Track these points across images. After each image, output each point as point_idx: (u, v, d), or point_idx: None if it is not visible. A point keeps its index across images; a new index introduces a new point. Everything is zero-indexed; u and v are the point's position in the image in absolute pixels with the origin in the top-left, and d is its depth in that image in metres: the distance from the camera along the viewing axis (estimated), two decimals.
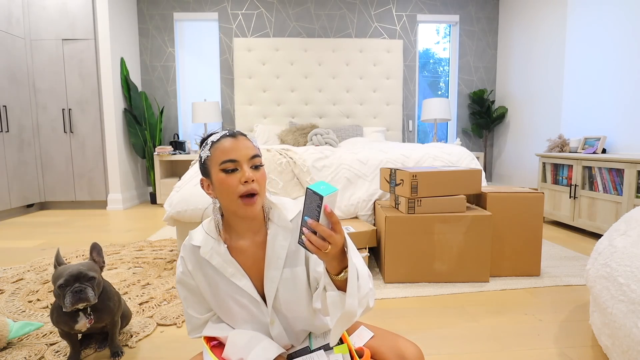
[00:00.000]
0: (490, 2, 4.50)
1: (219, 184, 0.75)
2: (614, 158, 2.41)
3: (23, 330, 1.26)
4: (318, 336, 0.87)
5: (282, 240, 0.80)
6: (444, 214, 1.76)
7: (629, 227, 1.16)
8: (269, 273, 0.79)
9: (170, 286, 1.76)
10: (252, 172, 0.75)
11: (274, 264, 0.79)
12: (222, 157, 0.75)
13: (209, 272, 0.81)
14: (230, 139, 0.76)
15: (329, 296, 0.69)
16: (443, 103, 4.08)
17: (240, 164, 0.75)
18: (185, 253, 0.83)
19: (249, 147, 0.77)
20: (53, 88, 3.67)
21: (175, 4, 4.29)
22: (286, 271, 0.80)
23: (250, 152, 0.76)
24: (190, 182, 2.14)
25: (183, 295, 0.84)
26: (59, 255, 1.11)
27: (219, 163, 0.75)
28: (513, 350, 1.23)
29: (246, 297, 0.80)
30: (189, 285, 0.83)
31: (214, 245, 0.80)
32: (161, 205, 4.08)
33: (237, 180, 0.74)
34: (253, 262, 0.81)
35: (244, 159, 0.75)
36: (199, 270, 0.82)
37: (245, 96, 4.25)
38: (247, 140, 0.78)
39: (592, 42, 3.08)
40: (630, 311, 0.94)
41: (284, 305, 0.80)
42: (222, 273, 0.80)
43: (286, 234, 0.81)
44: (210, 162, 0.76)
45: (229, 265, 0.80)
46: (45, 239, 2.68)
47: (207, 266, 0.81)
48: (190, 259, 0.82)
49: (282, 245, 0.80)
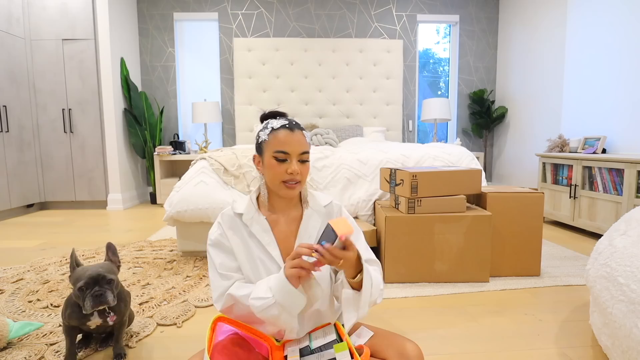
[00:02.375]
0: (490, 2, 4.50)
1: (269, 167, 0.86)
2: (614, 158, 2.41)
3: (23, 330, 1.26)
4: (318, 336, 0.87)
5: (315, 221, 0.92)
6: (444, 214, 1.76)
7: (629, 227, 1.16)
8: None
9: (170, 286, 1.76)
10: (298, 166, 0.85)
11: (305, 240, 0.89)
12: (277, 147, 0.84)
13: (246, 238, 0.89)
14: (288, 131, 0.85)
15: (344, 292, 0.82)
16: (443, 103, 4.08)
17: (291, 157, 0.85)
18: (224, 219, 0.91)
19: (302, 143, 0.86)
20: (53, 88, 3.67)
21: (175, 4, 4.29)
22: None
23: (302, 148, 0.86)
24: (191, 182, 2.14)
25: (217, 258, 0.88)
26: (75, 256, 1.12)
27: (273, 150, 0.84)
28: (513, 350, 1.23)
29: (275, 266, 0.88)
30: (223, 246, 0.89)
31: (254, 215, 0.90)
32: (161, 205, 4.07)
33: (284, 169, 0.84)
34: (285, 237, 0.90)
35: (295, 153, 0.85)
36: (237, 234, 0.90)
37: (245, 96, 4.25)
38: (302, 136, 0.87)
39: (592, 42, 3.08)
40: (630, 311, 0.94)
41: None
42: (259, 240, 0.88)
43: (319, 217, 0.93)
44: (266, 145, 0.86)
45: (266, 233, 0.89)
46: (45, 239, 2.68)
47: (245, 232, 0.89)
48: (228, 224, 0.90)
49: (314, 226, 0.91)
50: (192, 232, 2.17)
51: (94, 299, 1.05)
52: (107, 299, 1.06)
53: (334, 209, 0.96)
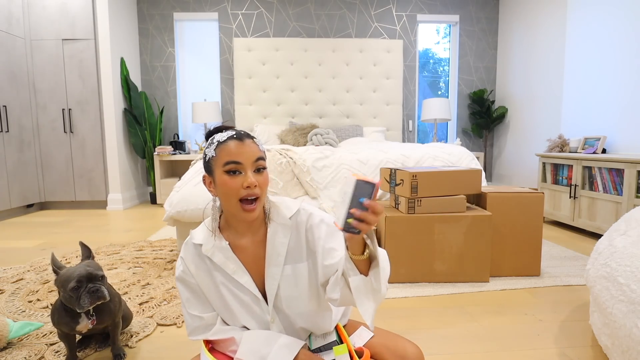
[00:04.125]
0: (490, 2, 4.50)
1: (222, 185, 0.75)
2: (614, 158, 2.41)
3: (23, 330, 1.26)
4: (318, 336, 0.87)
5: (282, 237, 0.81)
6: (444, 214, 1.76)
7: (629, 227, 1.16)
8: (269, 270, 0.80)
9: (170, 286, 1.76)
10: (255, 176, 0.75)
11: (274, 260, 0.80)
12: (227, 159, 0.74)
13: (210, 270, 0.81)
14: (236, 141, 0.76)
15: (352, 281, 0.70)
16: (443, 103, 4.08)
17: (244, 167, 0.75)
18: (186, 253, 0.83)
19: (254, 150, 0.76)
20: (53, 88, 3.67)
21: (175, 4, 4.29)
22: (287, 268, 0.81)
23: (255, 155, 0.76)
24: (190, 182, 2.14)
25: (184, 295, 0.83)
26: (55, 260, 1.09)
27: (223, 164, 0.75)
28: (513, 350, 1.23)
29: (247, 294, 0.81)
30: (189, 284, 0.82)
31: (215, 243, 0.81)
32: (161, 205, 4.08)
33: (239, 183, 0.74)
34: (254, 260, 0.82)
35: (248, 162, 0.75)
36: (200, 268, 0.82)
37: (245, 96, 4.25)
38: (253, 144, 0.77)
39: (592, 42, 3.08)
40: (630, 311, 0.93)
41: (285, 302, 0.81)
42: (224, 270, 0.80)
43: (286, 231, 0.81)
44: (214, 162, 0.76)
45: (230, 261, 0.80)
46: (45, 239, 2.68)
47: (209, 264, 0.81)
48: (191, 259, 0.82)
49: (282, 242, 0.81)
50: None
51: (91, 295, 1.03)
52: (104, 293, 1.05)
53: (302, 218, 0.83)
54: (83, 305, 1.03)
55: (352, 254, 0.70)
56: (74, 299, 1.03)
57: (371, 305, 0.70)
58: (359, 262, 0.71)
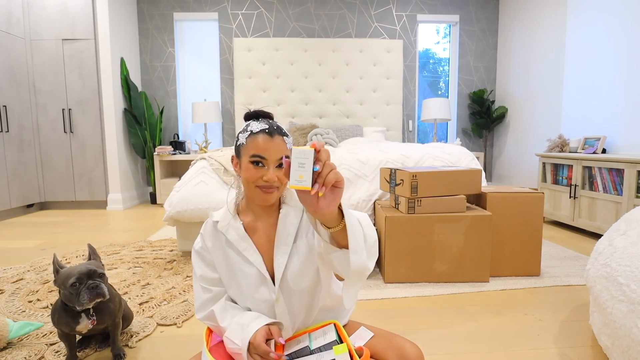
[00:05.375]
0: (490, 2, 4.50)
1: (245, 171, 0.82)
2: (614, 158, 2.41)
3: (23, 330, 1.26)
4: (318, 336, 0.87)
5: (293, 218, 0.87)
6: (444, 214, 1.76)
7: (629, 227, 1.16)
8: (278, 249, 0.85)
9: (170, 286, 1.76)
10: (276, 171, 0.80)
11: (284, 240, 0.86)
12: (254, 151, 0.80)
13: (224, 247, 0.87)
14: (267, 137, 0.80)
15: (334, 258, 0.70)
16: (443, 103, 4.08)
17: (268, 163, 0.80)
18: (205, 230, 0.90)
19: (281, 148, 0.81)
20: (53, 88, 3.67)
21: (175, 4, 4.29)
22: (295, 246, 0.87)
23: (280, 153, 0.80)
24: (190, 182, 2.14)
25: (198, 268, 0.89)
26: (57, 260, 1.10)
27: (250, 155, 0.80)
28: (513, 350, 1.23)
29: (255, 273, 0.85)
30: (205, 258, 0.89)
31: (230, 221, 0.87)
32: (161, 205, 4.07)
33: (260, 174, 0.80)
34: (266, 242, 0.87)
35: (272, 158, 0.80)
36: (216, 245, 0.88)
37: (245, 96, 4.25)
38: (282, 142, 0.81)
39: (592, 42, 3.08)
40: (630, 311, 0.93)
41: (291, 279, 0.85)
42: (236, 247, 0.86)
43: (297, 213, 0.88)
44: (243, 149, 0.82)
45: (242, 240, 0.86)
46: (45, 239, 2.68)
47: (224, 241, 0.87)
48: (209, 235, 0.89)
49: (292, 223, 0.87)
50: (192, 232, 2.17)
51: (90, 291, 1.04)
52: (103, 290, 1.06)
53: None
54: (82, 302, 1.03)
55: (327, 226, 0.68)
56: (74, 295, 1.04)
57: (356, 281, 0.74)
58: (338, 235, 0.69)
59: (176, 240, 2.42)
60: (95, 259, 1.16)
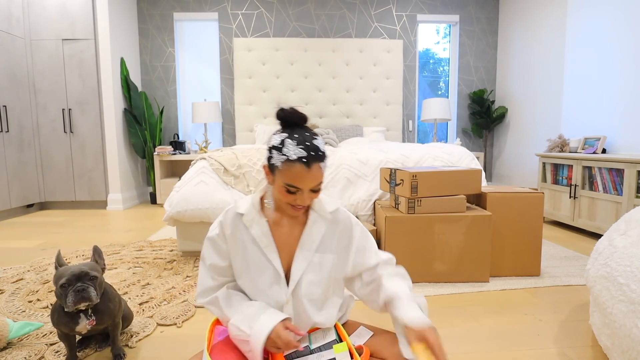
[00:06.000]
0: (490, 2, 4.50)
1: (279, 190, 0.81)
2: (614, 158, 2.41)
3: (23, 330, 1.26)
4: (318, 336, 0.87)
5: (320, 227, 0.88)
6: (444, 214, 1.76)
7: (629, 227, 1.16)
8: (300, 253, 0.86)
9: (170, 286, 1.76)
10: (309, 195, 0.81)
11: (307, 246, 0.87)
12: (290, 181, 0.78)
13: (244, 239, 0.87)
14: (304, 167, 0.77)
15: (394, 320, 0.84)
16: (443, 103, 4.08)
17: (302, 192, 0.79)
18: (226, 218, 0.88)
19: (317, 177, 0.79)
20: (53, 88, 3.67)
21: (175, 4, 4.29)
22: (316, 255, 0.87)
23: (315, 182, 0.80)
24: (191, 182, 2.14)
25: (209, 255, 0.89)
26: (59, 257, 1.11)
27: (285, 183, 0.79)
28: (513, 350, 1.23)
29: (271, 270, 0.86)
30: (218, 247, 0.88)
31: (255, 217, 0.87)
32: (161, 205, 4.07)
33: (294, 198, 0.80)
34: (287, 240, 0.87)
35: (307, 187, 0.79)
36: (235, 235, 0.87)
37: (245, 96, 4.25)
38: (319, 170, 0.79)
39: (592, 42, 3.08)
40: (630, 311, 0.93)
41: (305, 286, 0.85)
42: (258, 242, 0.86)
43: (324, 222, 0.88)
44: (278, 172, 0.79)
45: (265, 236, 0.86)
46: (45, 239, 2.68)
47: (245, 233, 0.87)
48: (229, 224, 0.87)
49: (318, 231, 0.87)
50: (192, 232, 2.17)
51: (75, 295, 1.01)
52: (90, 294, 1.03)
53: (341, 216, 0.90)
54: (68, 304, 1.02)
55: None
56: (62, 296, 1.03)
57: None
58: None
59: (176, 240, 2.41)
60: (96, 261, 1.15)
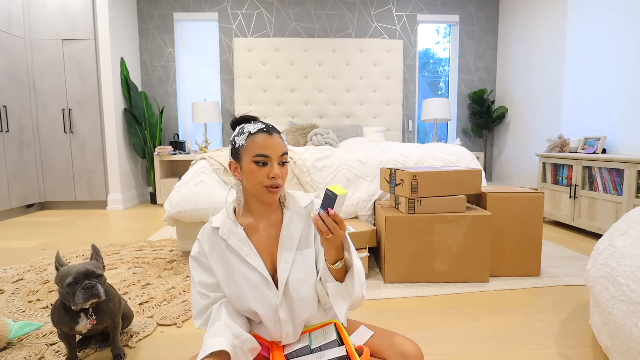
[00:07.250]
0: (490, 2, 4.50)
1: (249, 173, 0.82)
2: (614, 158, 2.41)
3: (23, 330, 1.26)
4: (318, 336, 0.87)
5: (297, 224, 0.88)
6: (444, 214, 1.76)
7: (629, 227, 1.16)
8: (282, 254, 0.86)
9: (170, 286, 1.76)
10: (279, 169, 0.83)
11: (288, 245, 0.86)
12: (257, 151, 0.81)
13: (224, 253, 0.86)
14: (266, 135, 0.82)
15: (329, 286, 0.83)
16: (443, 103, 4.08)
17: (271, 160, 0.82)
18: (202, 235, 0.88)
19: (281, 145, 0.84)
20: (53, 88, 3.67)
21: (175, 4, 4.29)
22: (298, 253, 0.87)
23: (281, 150, 0.84)
24: (190, 182, 2.14)
25: (196, 274, 0.88)
26: (59, 257, 1.11)
27: (253, 155, 0.82)
28: (513, 350, 1.23)
29: (258, 276, 0.85)
30: (202, 264, 0.88)
31: (231, 227, 0.86)
32: (161, 205, 4.07)
33: (265, 173, 0.82)
34: (266, 242, 0.87)
35: (275, 155, 0.82)
36: (214, 249, 0.87)
37: (245, 96, 4.25)
38: (280, 139, 0.84)
39: (592, 42, 3.08)
40: (630, 311, 0.93)
41: (293, 286, 0.85)
42: (237, 252, 0.85)
43: (300, 219, 0.89)
44: (244, 150, 0.83)
45: (244, 245, 0.85)
46: (45, 239, 2.68)
47: (224, 246, 0.86)
48: (206, 240, 0.87)
49: (296, 229, 0.88)
50: (192, 232, 2.17)
51: (85, 292, 1.03)
52: (99, 291, 1.05)
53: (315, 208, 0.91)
54: (77, 302, 1.03)
55: (329, 263, 0.82)
56: (70, 294, 1.04)
57: (344, 306, 0.82)
58: (335, 271, 0.82)
59: (176, 240, 2.42)
60: (96, 260, 1.16)
